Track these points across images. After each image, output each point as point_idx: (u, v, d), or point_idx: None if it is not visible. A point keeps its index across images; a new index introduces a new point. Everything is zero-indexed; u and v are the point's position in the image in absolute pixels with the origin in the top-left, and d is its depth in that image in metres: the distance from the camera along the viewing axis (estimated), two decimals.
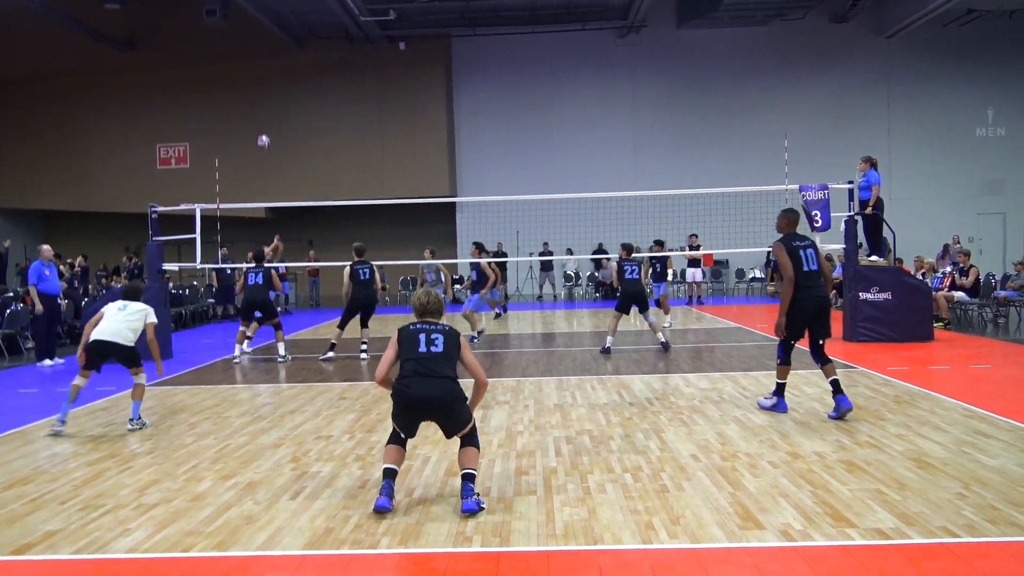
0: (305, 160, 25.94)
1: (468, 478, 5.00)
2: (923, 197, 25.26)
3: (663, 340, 12.10)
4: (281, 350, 12.27)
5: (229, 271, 19.62)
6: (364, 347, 12.38)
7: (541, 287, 25.38)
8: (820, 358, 7.40)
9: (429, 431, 7.10)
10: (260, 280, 12.18)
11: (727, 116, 26.17)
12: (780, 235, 7.46)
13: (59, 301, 13.22)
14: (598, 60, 26.45)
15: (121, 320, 7.77)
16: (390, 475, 5.06)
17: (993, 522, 4.49)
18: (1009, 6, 22.63)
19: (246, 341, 12.52)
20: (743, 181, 18.59)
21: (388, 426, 7.30)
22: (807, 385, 8.88)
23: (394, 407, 5.19)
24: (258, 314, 12.46)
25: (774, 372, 7.68)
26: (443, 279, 14.31)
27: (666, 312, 15.31)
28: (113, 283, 21.41)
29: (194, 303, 20.27)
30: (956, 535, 4.32)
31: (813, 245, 7.34)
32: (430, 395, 5.03)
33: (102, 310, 7.94)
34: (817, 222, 12.54)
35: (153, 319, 8.01)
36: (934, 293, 13.74)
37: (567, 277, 26.05)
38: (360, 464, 6.09)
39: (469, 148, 26.92)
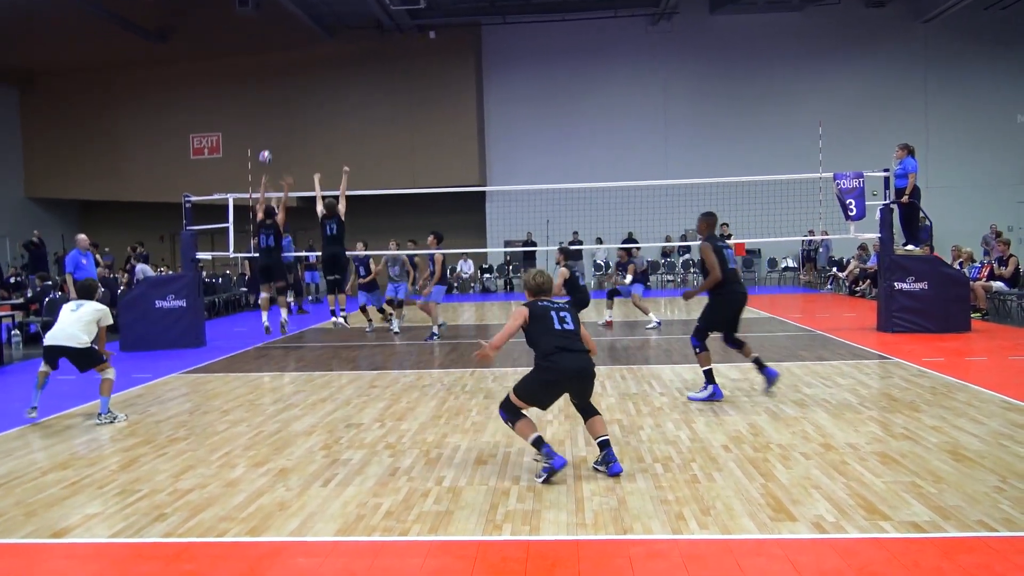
0: (336, 149, 26.04)
1: (607, 444, 5.38)
2: (961, 185, 24.78)
3: None
4: (283, 315, 12.24)
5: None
6: (337, 313, 12.40)
7: None
8: (736, 343, 7.93)
9: (460, 420, 7.14)
10: (272, 243, 12.07)
11: (760, 103, 25.86)
12: (703, 237, 7.85)
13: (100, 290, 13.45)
14: (629, 48, 26.24)
15: (73, 321, 7.48)
16: (541, 441, 5.35)
17: None
18: None
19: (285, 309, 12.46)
20: (776, 169, 18.39)
21: (418, 415, 7.38)
22: (840, 376, 8.77)
23: (532, 383, 5.45)
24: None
25: (805, 362, 7.58)
26: (408, 273, 14.25)
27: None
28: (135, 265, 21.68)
29: (227, 291, 20.51)
30: (993, 529, 4.25)
31: (730, 247, 7.89)
32: (585, 367, 5.39)
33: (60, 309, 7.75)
34: (852, 211, 12.38)
35: (108, 321, 7.76)
36: (972, 283, 13.49)
37: (596, 266, 25.96)
38: (390, 452, 6.13)
39: (499, 137, 26.89)
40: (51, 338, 7.47)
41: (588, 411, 5.55)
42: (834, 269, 22.25)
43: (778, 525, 4.39)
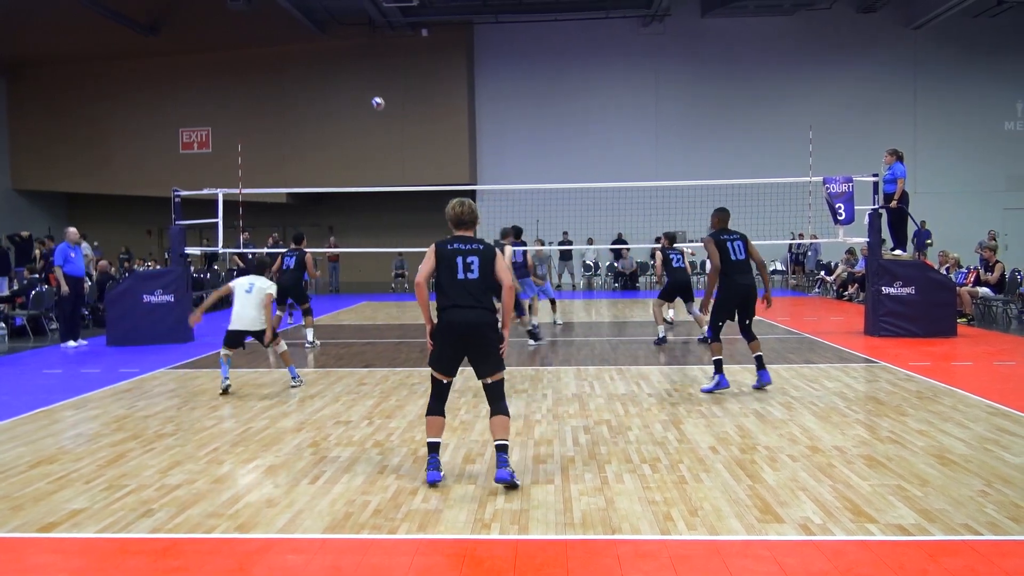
0: (326, 146, 26.02)
1: (502, 449, 5.12)
2: (949, 191, 24.95)
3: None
4: (309, 336, 12.29)
5: (250, 255, 19.74)
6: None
7: (560, 276, 25.34)
8: (748, 335, 8.26)
9: (448, 418, 7.14)
10: (292, 264, 12.14)
11: (750, 107, 25.96)
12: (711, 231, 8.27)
13: (86, 284, 13.39)
14: (621, 49, 26.30)
15: (253, 306, 8.30)
16: (434, 448, 5.27)
17: (1016, 520, 4.45)
18: None
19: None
20: (766, 172, 18.49)
21: (407, 412, 7.38)
22: (827, 379, 8.83)
23: (434, 344, 5.29)
24: (289, 300, 12.48)
25: (792, 364, 7.63)
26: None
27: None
28: (136, 267, 21.58)
29: (216, 287, 20.40)
30: (978, 532, 4.29)
31: (742, 238, 8.23)
32: (472, 321, 5.16)
33: (232, 290, 8.47)
34: (841, 215, 12.45)
35: (273, 295, 8.52)
36: (958, 288, 13.59)
37: (587, 267, 26.00)
38: (379, 450, 6.13)
39: (490, 136, 26.89)
40: (236, 322, 8.36)
41: (494, 404, 5.21)
42: (822, 273, 22.36)
43: (765, 527, 4.41)
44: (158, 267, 21.12)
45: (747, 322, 8.24)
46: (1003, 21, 24.70)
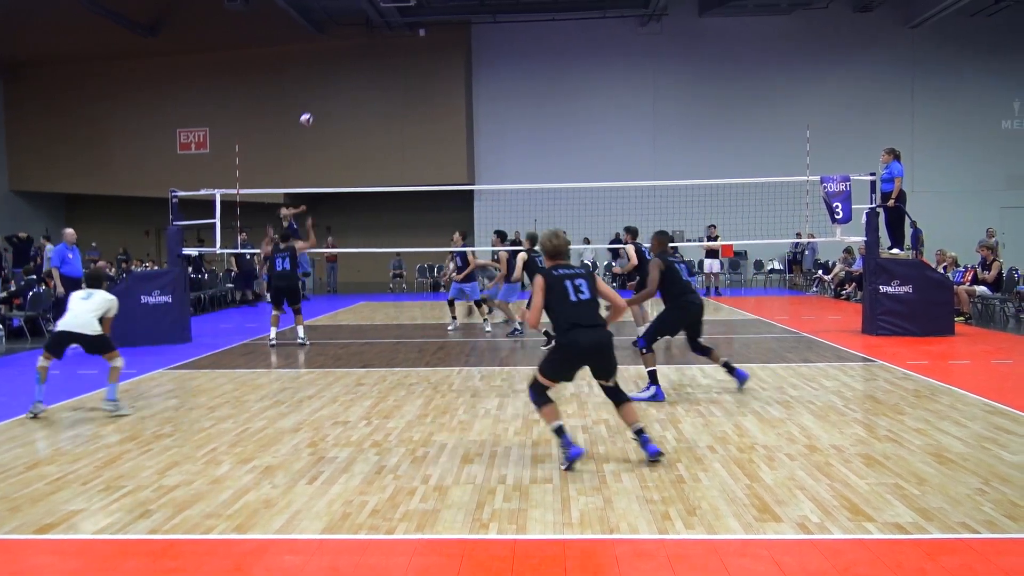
0: (324, 146, 25.99)
1: (641, 431, 5.57)
2: (946, 190, 24.97)
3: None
4: (300, 333, 12.33)
5: (248, 256, 19.73)
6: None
7: None
8: (702, 350, 8.23)
9: (446, 419, 7.14)
10: (288, 266, 12.15)
11: (748, 106, 25.97)
12: (655, 254, 8.26)
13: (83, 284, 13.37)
14: (619, 49, 26.30)
15: (86, 309, 7.61)
16: (562, 431, 5.53)
17: (1013, 518, 4.45)
18: None
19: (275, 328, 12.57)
20: (764, 172, 18.48)
21: (405, 413, 7.39)
22: (825, 378, 8.83)
23: (554, 361, 5.61)
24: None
25: (790, 363, 7.63)
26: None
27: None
28: (134, 268, 21.58)
29: (213, 288, 20.42)
30: (975, 531, 4.29)
31: (683, 261, 8.41)
32: (599, 341, 5.53)
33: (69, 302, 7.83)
34: (838, 214, 12.45)
35: (115, 312, 7.85)
36: (955, 287, 13.60)
37: (584, 266, 25.97)
38: (377, 450, 6.13)
39: (488, 136, 26.88)
40: (64, 324, 7.61)
41: (617, 397, 5.65)
42: (820, 272, 22.37)
43: (763, 525, 4.42)
44: (156, 268, 21.11)
45: (697, 339, 8.22)
46: (1000, 20, 24.72)
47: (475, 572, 3.94)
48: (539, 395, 5.62)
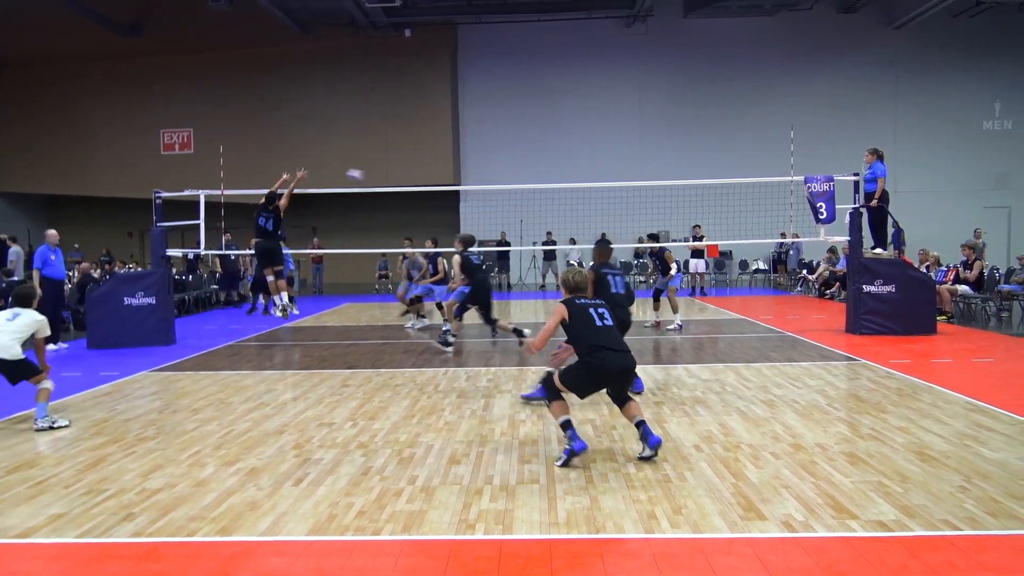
0: (309, 147, 25.90)
1: (642, 423, 5.74)
2: (929, 190, 25.19)
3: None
4: (284, 298, 12.31)
5: (233, 257, 19.63)
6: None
7: (544, 276, 25.36)
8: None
9: (432, 419, 7.13)
10: (270, 226, 12.18)
11: (733, 106, 26.10)
12: (593, 265, 8.30)
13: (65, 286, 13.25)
14: (604, 49, 26.36)
15: (7, 332, 7.03)
16: (569, 424, 5.68)
17: (994, 515, 4.50)
18: None
19: (284, 293, 12.53)
20: (748, 172, 18.56)
21: (390, 414, 7.37)
22: (809, 377, 8.89)
23: (579, 375, 5.77)
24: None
25: (775, 363, 7.66)
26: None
27: (674, 310, 13.70)
28: (117, 269, 21.41)
29: (197, 289, 20.30)
30: (957, 528, 4.33)
31: (622, 273, 8.32)
32: (628, 366, 5.82)
33: None
34: (822, 214, 12.52)
35: (46, 332, 7.35)
36: (938, 286, 13.71)
37: (570, 267, 26.00)
38: (363, 451, 6.11)
39: (474, 136, 26.87)
40: None
41: (622, 400, 5.87)
42: (804, 272, 22.50)
43: (748, 524, 4.44)
44: (139, 269, 20.96)
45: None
46: (982, 21, 24.95)
47: (461, 573, 3.94)
48: (551, 391, 5.81)
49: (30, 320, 7.21)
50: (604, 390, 5.93)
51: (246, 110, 26.48)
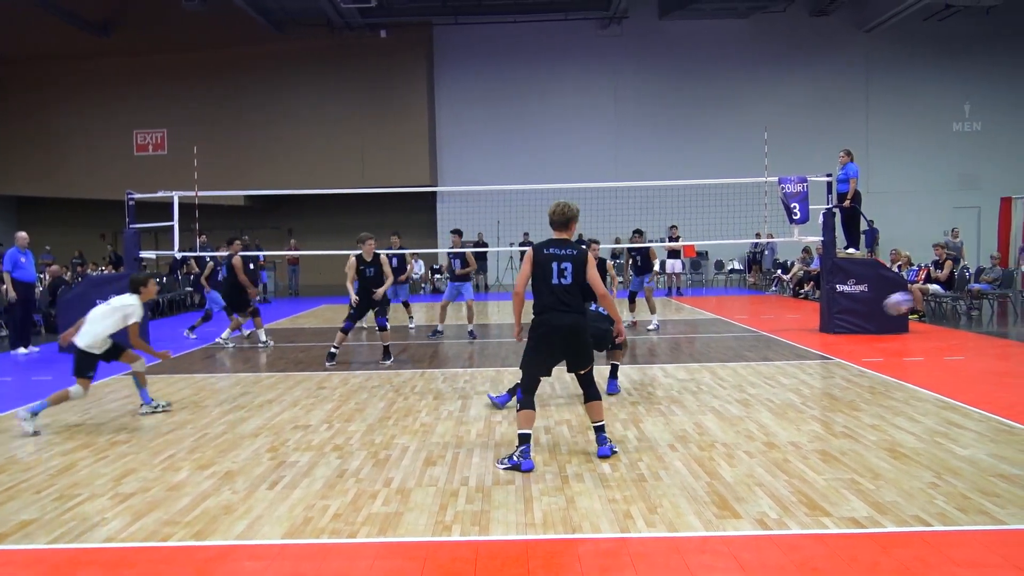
0: (285, 148, 25.76)
1: (600, 429, 5.72)
2: (900, 190, 25.52)
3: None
4: (262, 336, 12.58)
5: (208, 259, 19.45)
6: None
7: None
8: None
9: (409, 421, 7.11)
10: (227, 272, 12.47)
11: (708, 108, 26.27)
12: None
13: (37, 289, 13.07)
14: (580, 51, 26.44)
15: (99, 319, 7.39)
16: (527, 439, 5.56)
17: (964, 511, 4.56)
18: (986, 2, 22.84)
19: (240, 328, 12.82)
20: (723, 173, 18.68)
21: (366, 416, 7.34)
22: (784, 376, 8.96)
23: (528, 347, 5.70)
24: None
25: (750, 362, 7.72)
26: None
27: (652, 310, 13.88)
28: (90, 271, 21.15)
29: (172, 291, 20.10)
30: (928, 524, 4.39)
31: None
32: (571, 324, 5.59)
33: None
34: (796, 214, 12.64)
35: (136, 317, 7.51)
36: (909, 286, 13.88)
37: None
38: (338, 453, 6.08)
39: (450, 137, 26.84)
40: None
41: (588, 391, 5.74)
42: (779, 271, 22.70)
43: (723, 522, 4.47)
44: (112, 271, 20.70)
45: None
46: (951, 24, 25.31)
47: (438, 574, 3.93)
48: (525, 395, 5.67)
49: (119, 303, 7.55)
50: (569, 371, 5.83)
51: (221, 111, 26.26)
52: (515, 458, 5.51)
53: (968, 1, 23.11)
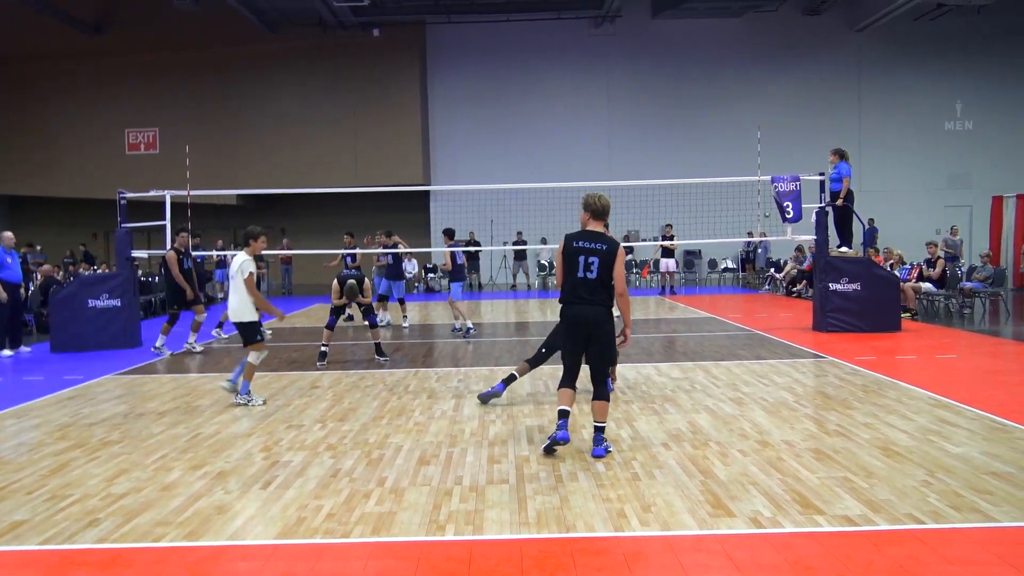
0: (278, 147, 25.68)
1: (599, 431, 5.88)
2: (892, 189, 25.58)
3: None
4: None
5: (200, 259, 19.38)
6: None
7: (515, 276, 25.37)
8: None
9: (402, 420, 7.10)
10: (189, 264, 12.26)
11: (701, 107, 26.30)
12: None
13: (21, 290, 12.96)
14: (573, 50, 26.44)
15: (234, 290, 7.96)
16: (563, 415, 5.88)
17: (957, 509, 4.58)
18: (977, 2, 22.91)
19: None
20: (716, 172, 18.70)
21: (360, 415, 7.34)
22: (777, 375, 8.98)
23: (558, 334, 6.35)
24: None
25: (743, 361, 7.73)
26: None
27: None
28: (82, 271, 21.06)
29: (164, 291, 20.01)
30: (921, 522, 4.40)
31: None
32: (589, 315, 5.84)
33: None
34: (789, 213, 12.67)
35: (249, 269, 7.96)
36: (902, 284, 13.93)
37: (541, 266, 26.06)
38: (332, 453, 6.07)
39: (443, 136, 26.81)
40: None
41: (598, 389, 5.87)
42: (772, 270, 22.76)
43: (717, 521, 4.47)
44: (104, 270, 20.62)
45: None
46: (942, 24, 25.39)
47: (432, 574, 3.93)
48: (564, 375, 5.98)
49: (236, 265, 7.98)
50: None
51: (213, 110, 26.17)
52: (551, 435, 5.93)
53: (959, 0, 23.21)
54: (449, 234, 13.55)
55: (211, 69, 26.31)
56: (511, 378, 7.88)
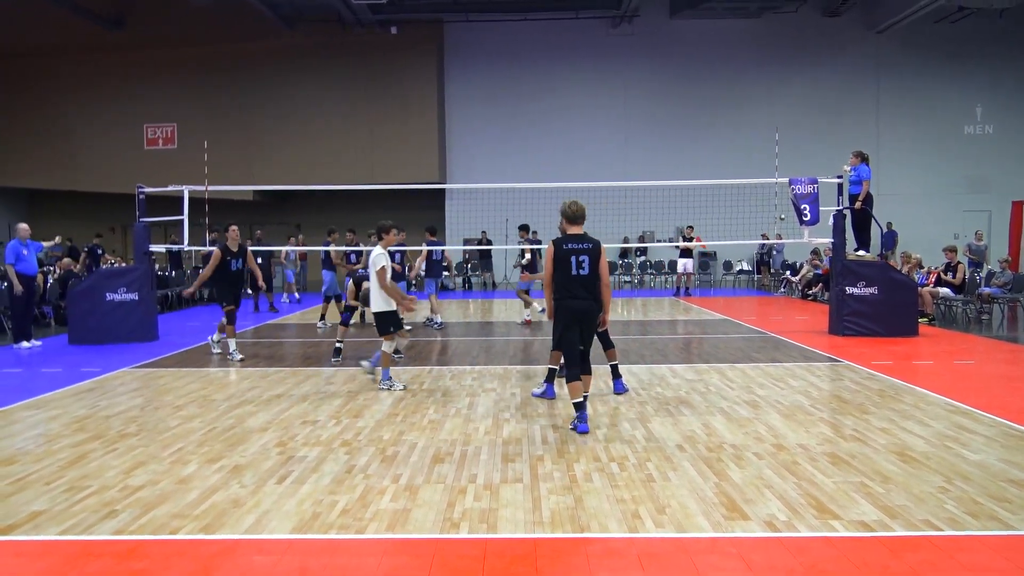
0: (294, 144, 25.77)
1: (581, 407, 6.54)
2: (910, 193, 25.39)
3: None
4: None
5: (265, 255, 19.52)
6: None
7: None
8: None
9: (416, 418, 7.11)
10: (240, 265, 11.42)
11: (718, 108, 26.19)
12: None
13: (36, 282, 13.04)
14: (591, 49, 26.38)
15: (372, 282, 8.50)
16: (581, 407, 6.54)
17: (975, 516, 4.54)
18: (1000, 5, 22.68)
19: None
20: (733, 173, 18.65)
21: (374, 412, 7.37)
22: (792, 378, 8.94)
23: (556, 329, 6.77)
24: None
25: (758, 363, 7.71)
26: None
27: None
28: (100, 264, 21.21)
29: (181, 285, 20.15)
30: (938, 528, 4.37)
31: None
32: (587, 309, 6.59)
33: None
34: (806, 216, 12.60)
35: (381, 263, 8.38)
36: (919, 289, 13.83)
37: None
38: (346, 449, 6.09)
39: (459, 135, 26.82)
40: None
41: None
42: (787, 273, 22.64)
43: (731, 524, 4.46)
44: (122, 264, 20.78)
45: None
46: (963, 27, 25.17)
47: (446, 572, 3.94)
48: (570, 369, 6.52)
49: (372, 260, 8.53)
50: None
51: (230, 106, 26.29)
52: (574, 425, 6.46)
53: (981, 3, 22.98)
54: (431, 231, 14.60)
55: (229, 65, 26.42)
56: (551, 373, 7.96)
